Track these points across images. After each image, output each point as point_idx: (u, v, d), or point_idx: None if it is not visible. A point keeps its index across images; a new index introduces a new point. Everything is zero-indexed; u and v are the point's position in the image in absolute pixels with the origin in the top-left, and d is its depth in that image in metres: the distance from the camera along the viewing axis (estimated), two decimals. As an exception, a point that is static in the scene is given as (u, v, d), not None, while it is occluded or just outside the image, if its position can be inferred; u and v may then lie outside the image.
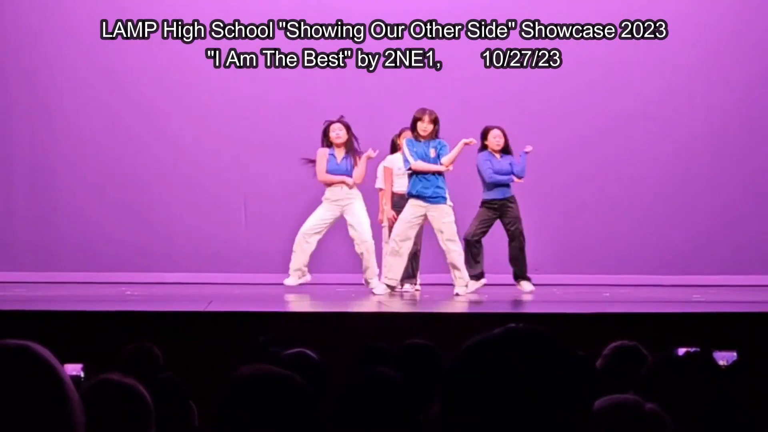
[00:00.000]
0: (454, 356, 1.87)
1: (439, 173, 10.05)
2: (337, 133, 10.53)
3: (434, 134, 10.11)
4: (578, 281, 11.15)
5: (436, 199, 9.99)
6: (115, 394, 2.91)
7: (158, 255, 12.16)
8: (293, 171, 11.21)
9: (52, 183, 12.28)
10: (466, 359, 1.84)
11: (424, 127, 10.11)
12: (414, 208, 10.06)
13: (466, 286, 10.04)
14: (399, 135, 10.67)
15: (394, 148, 10.75)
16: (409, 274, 10.64)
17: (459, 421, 1.82)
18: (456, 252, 10.04)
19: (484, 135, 10.58)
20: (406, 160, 10.16)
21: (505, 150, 10.58)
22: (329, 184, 10.57)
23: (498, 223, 10.53)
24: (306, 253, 10.54)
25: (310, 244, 10.54)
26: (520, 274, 10.54)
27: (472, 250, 10.37)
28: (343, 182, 10.51)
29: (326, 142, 10.59)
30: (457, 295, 10.02)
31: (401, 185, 10.60)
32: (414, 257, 10.54)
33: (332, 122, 10.58)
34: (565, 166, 11.86)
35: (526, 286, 10.49)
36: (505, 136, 10.58)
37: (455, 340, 2.05)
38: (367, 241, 10.50)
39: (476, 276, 10.33)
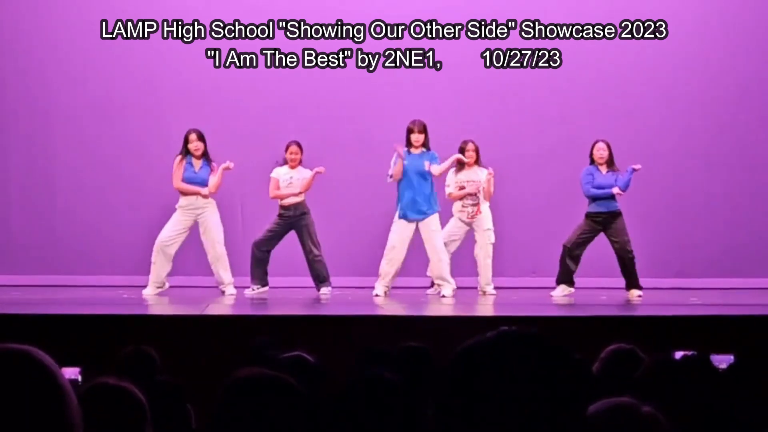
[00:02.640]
0: (448, 359, 1.87)
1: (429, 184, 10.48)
2: (195, 145, 10.72)
3: (426, 143, 10.56)
4: (576, 284, 11.13)
5: (425, 216, 10.44)
6: (110, 396, 2.91)
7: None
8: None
9: (49, 185, 12.26)
10: (459, 362, 1.84)
11: (416, 137, 10.55)
12: (403, 227, 10.47)
13: (453, 290, 10.40)
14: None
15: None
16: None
17: (453, 424, 1.82)
18: (442, 262, 10.43)
19: (592, 149, 10.87)
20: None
21: (611, 163, 10.72)
22: (184, 193, 10.66)
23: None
24: (165, 263, 10.60)
25: (168, 255, 10.60)
26: (630, 284, 10.73)
27: (568, 256, 10.66)
28: (198, 193, 10.64)
29: (185, 150, 10.78)
30: (443, 296, 10.36)
31: None
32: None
33: (191, 132, 10.74)
34: (563, 167, 11.84)
35: (634, 292, 10.69)
36: (609, 149, 10.78)
37: (452, 343, 2.05)
38: (217, 250, 10.60)
39: (568, 282, 10.71)
